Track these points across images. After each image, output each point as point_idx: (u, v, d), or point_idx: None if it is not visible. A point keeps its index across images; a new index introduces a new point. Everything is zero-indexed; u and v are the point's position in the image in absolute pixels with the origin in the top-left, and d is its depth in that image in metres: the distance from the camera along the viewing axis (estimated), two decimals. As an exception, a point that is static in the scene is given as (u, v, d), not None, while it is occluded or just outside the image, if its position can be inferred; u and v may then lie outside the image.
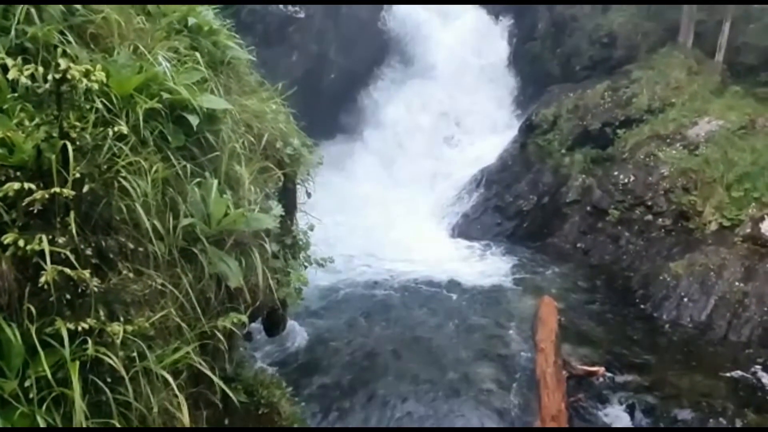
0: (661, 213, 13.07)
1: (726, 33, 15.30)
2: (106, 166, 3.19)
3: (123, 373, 2.87)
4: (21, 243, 2.73)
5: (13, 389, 2.65)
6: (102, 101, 3.33)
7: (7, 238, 2.73)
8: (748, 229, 11.44)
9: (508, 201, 15.25)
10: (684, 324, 10.87)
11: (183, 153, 3.91)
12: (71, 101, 3.02)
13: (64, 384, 2.71)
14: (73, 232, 2.84)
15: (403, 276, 12.45)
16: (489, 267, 13.26)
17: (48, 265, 2.72)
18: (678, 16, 16.23)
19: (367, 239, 13.84)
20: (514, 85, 18.85)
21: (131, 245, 3.26)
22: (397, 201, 15.83)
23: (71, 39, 3.60)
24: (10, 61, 2.96)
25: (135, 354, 3.02)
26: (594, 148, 14.98)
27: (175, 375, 3.21)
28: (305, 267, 5.97)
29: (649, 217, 13.20)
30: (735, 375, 9.33)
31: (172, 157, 3.75)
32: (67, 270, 2.77)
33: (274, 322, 6.29)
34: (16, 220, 2.83)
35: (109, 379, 2.89)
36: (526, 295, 11.80)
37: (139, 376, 3.01)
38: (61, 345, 2.73)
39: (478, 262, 13.57)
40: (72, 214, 2.87)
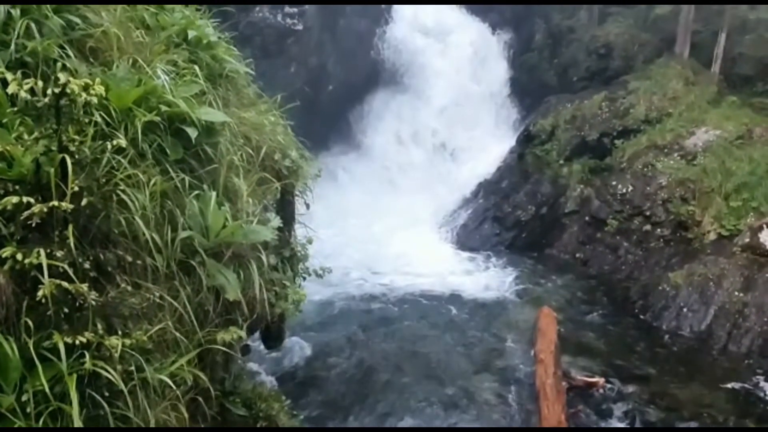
0: (659, 223, 13.08)
1: (722, 43, 15.40)
2: (104, 180, 3.20)
3: (121, 387, 2.86)
4: (19, 257, 2.73)
5: (10, 404, 2.64)
6: (101, 114, 3.34)
7: (6, 252, 2.73)
8: (747, 239, 11.45)
9: (506, 211, 15.26)
10: (684, 334, 10.84)
11: (181, 165, 3.92)
12: (70, 115, 3.03)
13: (62, 398, 2.70)
14: (72, 245, 2.84)
15: (401, 287, 12.41)
16: (487, 278, 13.23)
17: (46, 278, 2.72)
18: (674, 27, 16.33)
19: (364, 250, 13.81)
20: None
21: (129, 258, 3.26)
22: (395, 211, 15.81)
23: (71, 53, 3.62)
24: (9, 76, 2.98)
25: (133, 368, 3.00)
26: (592, 159, 15.02)
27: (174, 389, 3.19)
28: (304, 279, 5.96)
29: (648, 227, 13.21)
30: (735, 386, 9.29)
31: (171, 170, 3.76)
32: (65, 283, 2.76)
33: (273, 335, 6.27)
34: (14, 234, 2.83)
35: (106, 393, 2.87)
36: (525, 306, 11.78)
37: (137, 389, 3.00)
38: (58, 359, 2.72)
39: (477, 273, 13.54)
40: (70, 227, 2.88)
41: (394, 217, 15.49)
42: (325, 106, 16.70)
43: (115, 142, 3.22)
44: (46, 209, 2.80)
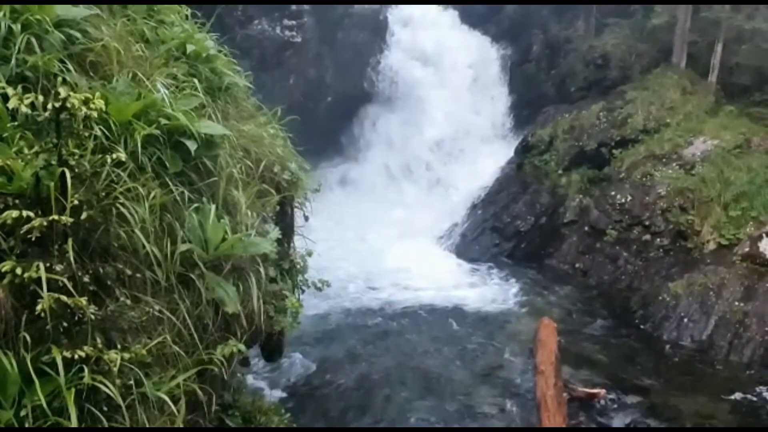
0: (658, 233, 13.07)
1: (719, 53, 15.48)
2: (104, 193, 3.20)
3: (120, 402, 2.85)
4: (18, 271, 2.73)
5: (8, 419, 2.63)
6: (101, 128, 3.35)
7: (5, 266, 2.73)
8: (747, 248, 11.45)
9: (505, 221, 15.25)
10: (684, 344, 10.80)
11: (181, 179, 3.93)
12: (70, 129, 3.04)
13: (60, 413, 2.69)
14: (71, 259, 2.84)
15: (400, 299, 12.36)
16: (487, 288, 13.19)
17: (45, 292, 2.71)
18: (671, 38, 16.42)
19: (363, 260, 13.77)
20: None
21: (129, 271, 3.25)
22: (394, 221, 15.81)
23: (71, 67, 3.64)
24: (10, 90, 2.99)
25: (132, 382, 2.99)
26: (590, 168, 15.04)
27: (173, 402, 3.18)
28: (303, 291, 5.94)
29: (647, 236, 13.20)
30: (737, 397, 9.24)
31: (170, 183, 3.76)
32: (64, 297, 2.76)
33: (273, 348, 6.23)
34: (14, 248, 2.83)
35: (105, 408, 2.86)
36: (524, 317, 11.73)
37: (136, 404, 2.99)
38: (57, 373, 2.71)
39: (476, 284, 13.50)
40: (70, 241, 2.88)
41: (394, 225, 15.49)
42: (323, 117, 16.77)
43: (114, 156, 3.22)
44: (45, 223, 2.80)
